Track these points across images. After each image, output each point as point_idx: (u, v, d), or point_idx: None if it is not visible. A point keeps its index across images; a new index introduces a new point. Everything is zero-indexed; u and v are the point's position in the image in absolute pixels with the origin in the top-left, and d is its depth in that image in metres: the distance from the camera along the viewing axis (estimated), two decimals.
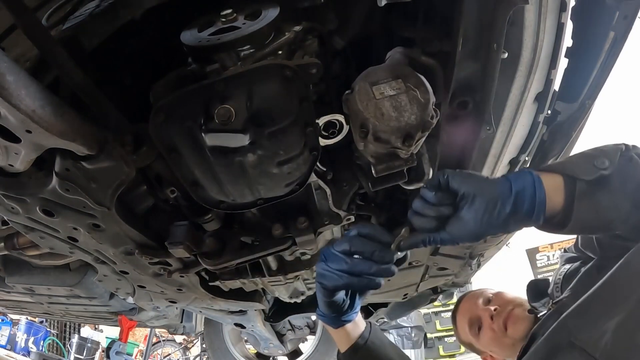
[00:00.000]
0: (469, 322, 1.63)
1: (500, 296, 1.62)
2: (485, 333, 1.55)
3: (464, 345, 1.75)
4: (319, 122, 0.99)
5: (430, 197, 0.88)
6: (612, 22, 1.01)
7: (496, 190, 0.84)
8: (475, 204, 0.84)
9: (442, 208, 0.87)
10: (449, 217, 0.87)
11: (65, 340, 7.80)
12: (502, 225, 0.84)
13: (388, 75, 0.89)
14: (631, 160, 0.87)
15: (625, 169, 0.86)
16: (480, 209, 0.83)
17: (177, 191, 1.11)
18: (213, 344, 3.67)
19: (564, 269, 1.30)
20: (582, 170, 0.87)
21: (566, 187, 0.86)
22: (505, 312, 1.50)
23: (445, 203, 0.87)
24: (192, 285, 1.52)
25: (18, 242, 1.48)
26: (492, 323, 1.53)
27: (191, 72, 0.92)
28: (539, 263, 9.32)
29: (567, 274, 1.26)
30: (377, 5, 0.85)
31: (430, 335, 7.88)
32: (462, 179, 0.87)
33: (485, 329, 1.55)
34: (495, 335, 1.51)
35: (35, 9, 0.88)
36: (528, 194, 0.84)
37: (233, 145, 0.87)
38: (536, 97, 1.14)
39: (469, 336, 1.64)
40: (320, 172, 1.17)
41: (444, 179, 0.87)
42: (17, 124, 0.74)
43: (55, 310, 2.37)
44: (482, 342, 1.58)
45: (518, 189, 0.84)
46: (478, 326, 1.59)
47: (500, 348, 1.52)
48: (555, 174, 0.89)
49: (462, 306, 1.73)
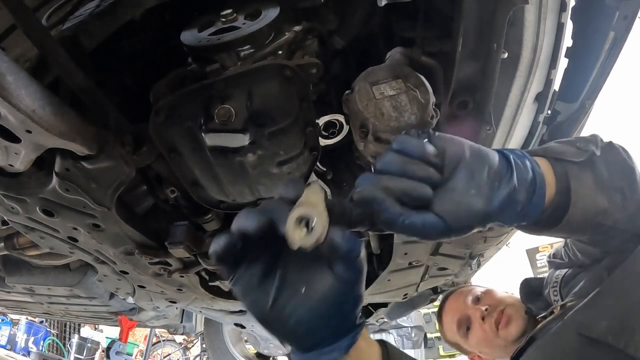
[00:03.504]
0: (457, 322, 1.56)
1: (490, 294, 1.54)
2: (475, 333, 1.49)
3: (450, 345, 1.68)
4: (319, 122, 0.99)
5: (414, 148, 0.63)
6: (612, 22, 1.01)
7: (494, 157, 0.67)
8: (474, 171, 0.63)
9: (431, 169, 0.62)
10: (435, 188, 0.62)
11: (65, 340, 7.80)
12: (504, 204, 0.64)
13: (388, 75, 0.89)
14: (612, 145, 0.81)
15: (609, 152, 0.79)
16: (479, 178, 0.63)
17: (177, 191, 1.11)
18: (213, 344, 3.67)
19: (560, 272, 1.26)
20: (570, 153, 0.76)
21: (556, 172, 0.74)
22: (497, 312, 1.44)
23: (433, 162, 0.63)
24: (192, 285, 1.52)
25: (18, 242, 1.48)
26: (483, 323, 1.46)
27: (191, 72, 0.92)
28: (539, 263, 9.31)
29: (564, 278, 1.23)
30: (377, 5, 0.85)
31: (430, 335, 7.87)
32: (449, 139, 0.66)
33: (476, 329, 1.48)
34: (486, 336, 1.44)
35: (35, 9, 0.88)
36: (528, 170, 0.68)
37: (233, 145, 0.87)
38: (536, 97, 1.15)
39: (457, 336, 1.57)
40: (320, 172, 1.17)
41: (424, 134, 0.66)
42: (17, 124, 0.74)
43: (55, 310, 2.37)
44: (470, 342, 1.52)
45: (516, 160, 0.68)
46: (467, 326, 1.53)
47: (491, 349, 1.46)
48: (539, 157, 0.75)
49: (449, 304, 1.64)
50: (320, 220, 0.50)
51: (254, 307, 0.60)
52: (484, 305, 1.50)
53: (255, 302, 0.60)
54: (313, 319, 0.59)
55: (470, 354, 1.60)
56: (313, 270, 0.59)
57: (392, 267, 1.47)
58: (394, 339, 6.76)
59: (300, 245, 0.50)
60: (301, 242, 0.50)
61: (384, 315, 2.74)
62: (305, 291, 0.58)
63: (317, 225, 0.50)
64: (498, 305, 1.47)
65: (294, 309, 0.58)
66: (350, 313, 0.61)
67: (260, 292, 0.59)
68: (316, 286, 0.58)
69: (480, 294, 1.57)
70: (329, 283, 0.58)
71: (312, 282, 0.58)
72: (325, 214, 0.51)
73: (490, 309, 1.47)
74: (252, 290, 0.59)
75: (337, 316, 0.60)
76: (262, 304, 0.59)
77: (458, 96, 1.00)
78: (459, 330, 1.56)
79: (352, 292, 0.59)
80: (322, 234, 0.50)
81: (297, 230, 0.50)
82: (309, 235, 0.50)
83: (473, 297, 1.57)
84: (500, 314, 1.43)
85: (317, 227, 0.50)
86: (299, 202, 0.52)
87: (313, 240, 0.50)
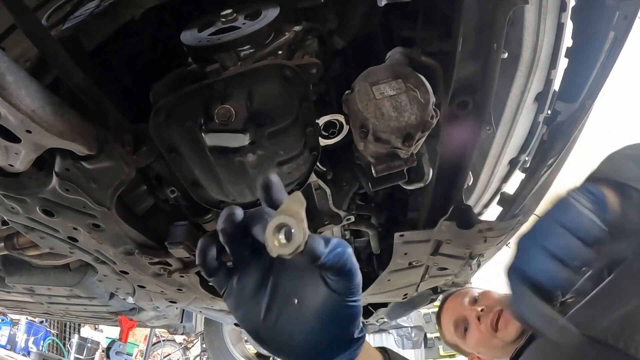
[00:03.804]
0: (454, 323, 1.58)
1: (486, 295, 1.56)
2: (472, 334, 1.50)
3: (449, 347, 1.69)
4: (319, 122, 0.99)
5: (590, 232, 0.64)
6: (612, 22, 1.01)
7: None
8: None
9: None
10: None
11: (65, 340, 7.80)
12: None
13: (388, 75, 0.89)
14: None
15: None
16: None
17: (177, 191, 1.11)
18: (213, 344, 3.67)
19: None
20: None
21: None
22: (493, 313, 1.45)
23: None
24: (192, 285, 1.52)
25: (18, 242, 1.48)
26: (479, 324, 1.48)
27: (191, 72, 0.92)
28: None
29: None
30: (377, 5, 0.85)
31: (430, 335, 7.87)
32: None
33: (472, 330, 1.50)
34: (483, 337, 1.46)
35: (35, 9, 0.89)
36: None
37: (233, 145, 0.87)
38: (536, 97, 1.15)
39: (455, 337, 1.59)
40: (320, 172, 1.17)
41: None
42: (17, 124, 0.74)
43: (55, 310, 2.37)
44: (468, 343, 1.54)
45: None
46: (464, 327, 1.54)
47: (489, 349, 1.47)
48: None
49: (446, 306, 1.66)
50: (299, 229, 0.50)
51: (246, 320, 0.58)
52: (480, 306, 1.52)
53: (247, 315, 0.58)
54: (307, 331, 0.57)
55: (470, 354, 1.61)
56: (306, 281, 0.57)
57: (392, 267, 1.47)
58: (394, 339, 6.76)
59: (278, 253, 0.50)
60: (279, 250, 0.50)
61: (384, 315, 2.74)
62: (298, 302, 0.56)
63: (295, 234, 0.50)
64: (494, 305, 1.49)
65: (286, 321, 0.56)
66: (346, 326, 0.59)
67: (252, 304, 0.57)
68: (309, 297, 0.57)
69: (478, 295, 1.59)
70: (322, 294, 0.56)
71: (305, 293, 0.57)
72: (304, 222, 0.51)
73: (486, 309, 1.49)
74: (244, 303, 0.58)
75: (332, 329, 0.58)
76: (254, 316, 0.57)
77: (458, 96, 1.00)
78: (456, 331, 1.58)
79: (346, 303, 0.57)
80: (300, 242, 0.50)
81: (276, 238, 0.50)
82: (288, 244, 0.50)
83: (470, 298, 1.59)
84: (497, 314, 1.44)
85: (295, 235, 0.50)
86: (279, 210, 0.52)
87: (292, 248, 0.50)
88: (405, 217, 1.54)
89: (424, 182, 1.15)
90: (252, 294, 0.57)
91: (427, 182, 1.16)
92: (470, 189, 1.42)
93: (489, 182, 1.45)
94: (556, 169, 1.24)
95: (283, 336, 0.57)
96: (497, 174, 1.40)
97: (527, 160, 1.39)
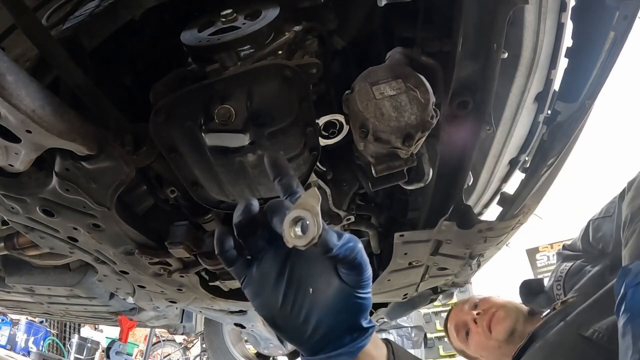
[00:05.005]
0: (455, 328, 1.66)
1: (486, 300, 1.63)
2: (473, 337, 1.57)
3: (458, 352, 1.77)
4: (319, 122, 0.99)
5: None
6: (612, 22, 1.01)
7: None
8: None
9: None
10: None
11: (65, 340, 7.80)
12: None
13: (388, 75, 0.89)
14: None
15: None
16: None
17: (177, 191, 1.11)
18: (213, 344, 3.67)
19: (565, 266, 1.30)
20: None
21: None
22: (488, 315, 1.52)
23: None
24: (192, 285, 1.52)
25: (18, 242, 1.48)
26: (476, 327, 1.55)
27: (191, 72, 0.92)
28: (539, 263, 9.31)
29: (569, 272, 1.26)
30: (377, 5, 0.85)
31: (430, 335, 7.88)
32: None
33: (472, 333, 1.57)
34: (481, 339, 1.53)
35: (35, 9, 0.89)
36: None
37: (233, 145, 0.87)
38: (536, 97, 1.15)
39: (459, 342, 1.67)
40: (320, 172, 1.17)
41: None
42: (17, 124, 0.74)
43: (55, 310, 2.37)
44: (471, 347, 1.60)
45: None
46: (465, 331, 1.61)
47: (488, 352, 1.53)
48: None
49: (451, 314, 1.75)
50: (314, 222, 0.54)
51: (264, 307, 0.62)
52: (478, 310, 1.60)
53: (265, 302, 0.62)
54: (320, 319, 0.60)
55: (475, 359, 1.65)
56: (320, 272, 0.61)
57: (392, 267, 1.47)
58: (394, 339, 6.77)
59: (294, 244, 0.54)
60: (295, 242, 0.54)
61: (384, 315, 2.74)
62: (313, 292, 0.60)
63: (310, 227, 0.54)
64: (490, 308, 1.55)
65: (301, 308, 0.60)
66: (357, 316, 0.62)
67: (271, 292, 0.61)
68: (323, 287, 0.61)
69: (478, 301, 1.67)
70: (334, 285, 0.61)
71: (319, 283, 0.61)
72: (319, 216, 0.55)
73: (482, 312, 1.57)
74: (263, 291, 0.62)
75: (344, 318, 0.62)
76: (272, 303, 0.61)
77: (458, 96, 1.00)
78: (458, 336, 1.66)
79: (356, 295, 0.61)
80: (315, 234, 0.54)
81: (292, 230, 0.54)
82: (303, 236, 0.54)
83: (470, 305, 1.67)
84: (491, 316, 1.49)
85: (310, 228, 0.53)
86: (297, 204, 0.56)
87: (307, 240, 0.54)
88: (405, 217, 1.54)
89: (424, 182, 1.15)
90: (270, 283, 0.61)
91: (427, 182, 1.17)
92: (470, 189, 1.42)
93: (489, 182, 1.45)
94: (556, 169, 1.24)
95: (297, 323, 0.61)
96: (497, 174, 1.40)
97: (527, 160, 1.39)
